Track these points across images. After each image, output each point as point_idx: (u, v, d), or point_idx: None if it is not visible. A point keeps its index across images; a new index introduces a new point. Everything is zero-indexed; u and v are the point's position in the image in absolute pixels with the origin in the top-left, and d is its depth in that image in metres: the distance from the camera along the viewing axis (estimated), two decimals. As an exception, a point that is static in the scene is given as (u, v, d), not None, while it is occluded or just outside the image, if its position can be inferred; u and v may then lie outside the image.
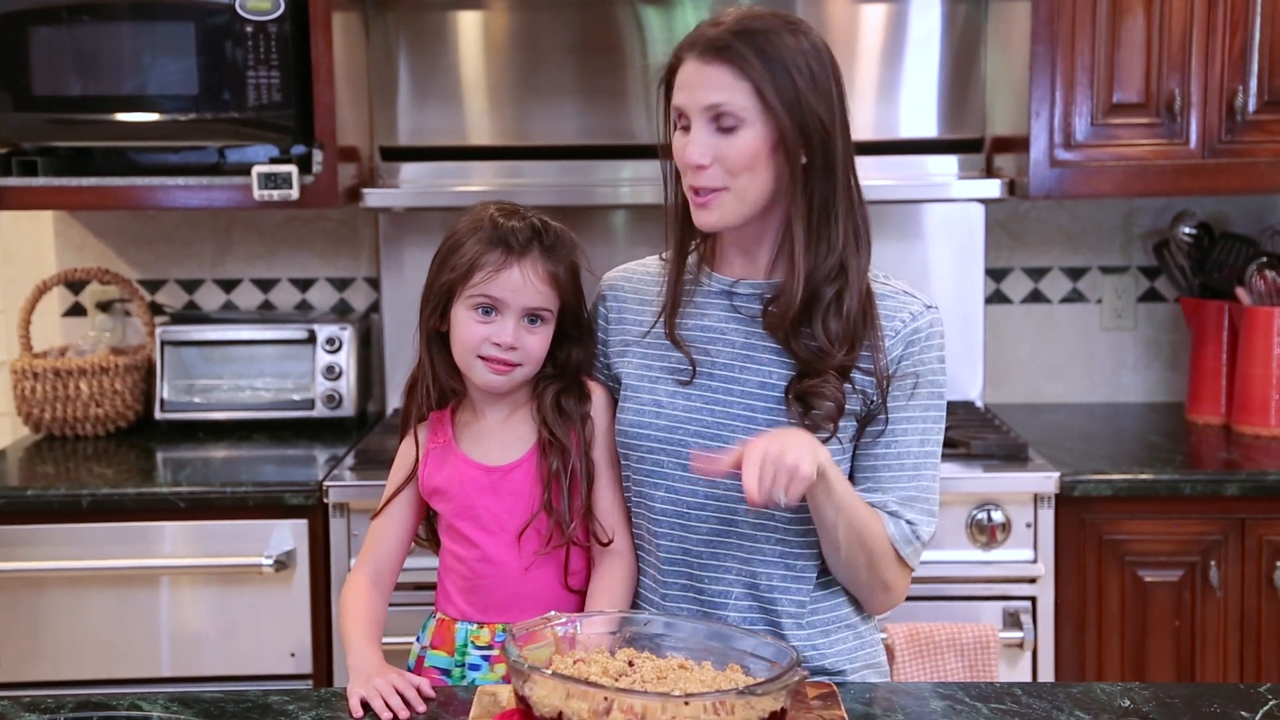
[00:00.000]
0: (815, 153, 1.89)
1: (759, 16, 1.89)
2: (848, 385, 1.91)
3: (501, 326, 1.97)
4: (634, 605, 2.04)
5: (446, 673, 2.02)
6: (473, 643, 2.01)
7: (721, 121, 1.86)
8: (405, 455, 2.10)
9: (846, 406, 1.91)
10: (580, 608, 2.03)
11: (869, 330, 1.92)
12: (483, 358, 1.98)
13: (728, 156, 1.86)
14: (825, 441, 1.89)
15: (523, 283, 1.96)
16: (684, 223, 1.98)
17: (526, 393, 2.05)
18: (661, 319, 2.00)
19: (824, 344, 1.89)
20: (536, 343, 1.99)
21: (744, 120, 1.86)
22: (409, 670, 2.03)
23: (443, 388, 2.07)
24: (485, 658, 2.00)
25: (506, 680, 1.97)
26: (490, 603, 2.02)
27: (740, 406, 1.94)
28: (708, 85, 1.86)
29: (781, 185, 1.91)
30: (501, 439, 2.04)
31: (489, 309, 1.97)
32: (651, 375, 2.00)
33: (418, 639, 2.09)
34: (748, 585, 1.96)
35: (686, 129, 1.90)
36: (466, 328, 1.98)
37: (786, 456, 1.75)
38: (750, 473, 1.74)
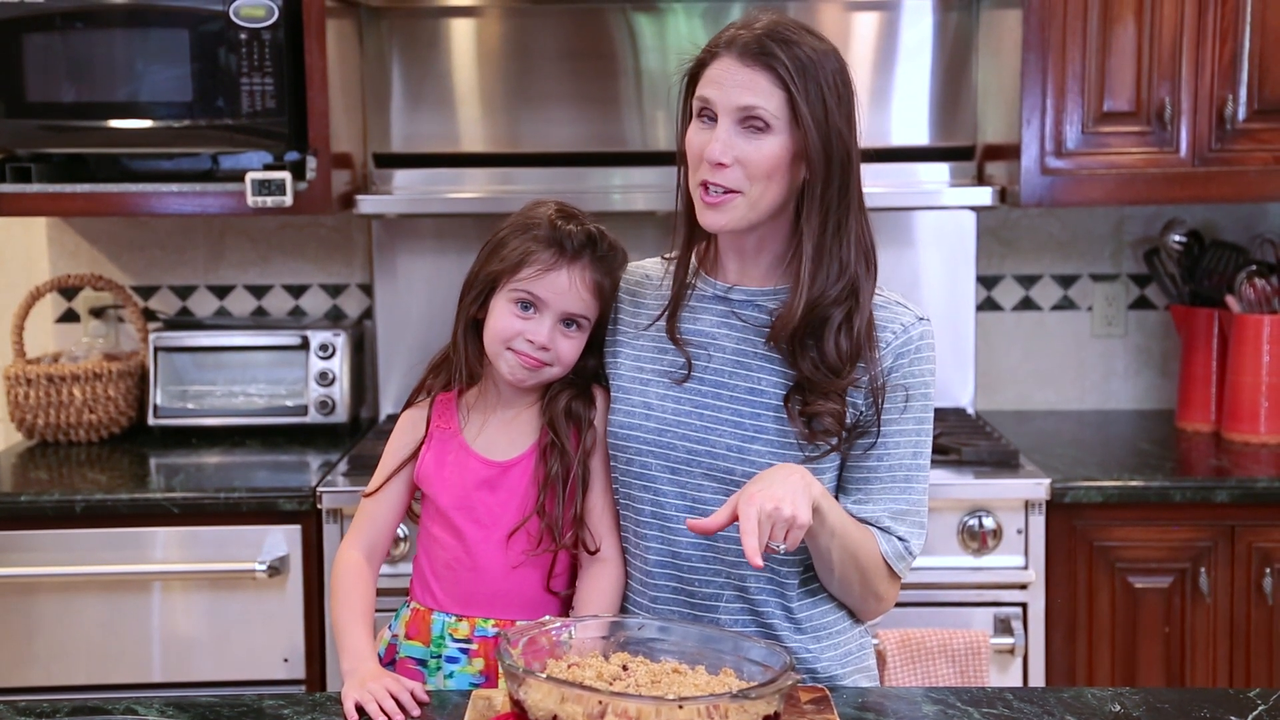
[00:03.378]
0: (834, 172, 1.88)
1: (790, 28, 1.88)
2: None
3: (538, 325, 1.97)
4: (623, 609, 2.04)
5: (423, 663, 2.02)
6: (450, 635, 2.01)
7: (751, 125, 1.86)
8: (408, 433, 2.08)
9: None
10: (560, 610, 2.03)
11: (870, 348, 1.92)
12: (512, 350, 1.98)
13: (751, 160, 1.86)
14: (828, 454, 1.91)
15: (568, 287, 1.97)
16: (691, 222, 1.98)
17: (537, 392, 2.05)
18: (662, 318, 2.00)
19: (834, 363, 1.89)
20: (570, 348, 2.00)
21: (773, 127, 1.86)
22: (379, 657, 2.03)
23: (472, 372, 2.06)
24: (464, 650, 2.00)
25: (486, 675, 1.98)
26: (470, 597, 2.01)
27: (729, 412, 1.95)
28: (743, 86, 1.86)
29: (791, 198, 1.91)
30: (506, 434, 2.04)
31: (529, 305, 1.98)
32: (643, 377, 2.01)
33: (389, 626, 2.09)
34: (737, 589, 1.97)
35: (708, 121, 1.89)
36: (503, 320, 1.98)
37: (783, 508, 1.75)
38: (749, 534, 1.73)
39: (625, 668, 1.71)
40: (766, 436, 1.92)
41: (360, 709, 1.82)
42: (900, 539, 1.96)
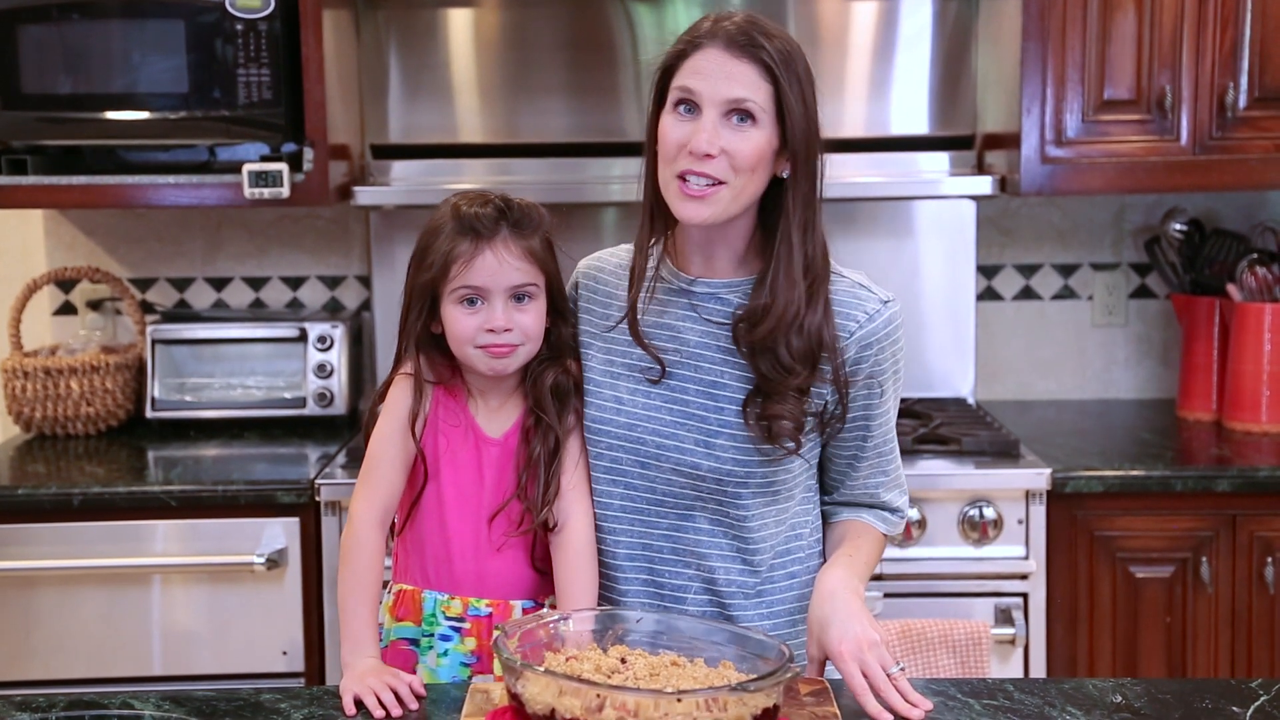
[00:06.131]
0: (811, 167, 1.89)
1: (770, 24, 1.89)
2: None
3: (490, 313, 1.96)
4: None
5: (415, 643, 2.00)
6: (443, 613, 1.99)
7: (738, 117, 1.85)
8: (408, 394, 2.03)
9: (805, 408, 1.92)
10: (549, 587, 2.02)
11: (829, 344, 1.91)
12: (479, 346, 1.97)
13: (739, 152, 1.85)
14: (792, 453, 1.93)
15: (498, 264, 1.95)
16: (655, 214, 1.97)
17: (518, 375, 2.03)
18: (626, 319, 1.99)
19: (788, 363, 1.89)
20: (530, 320, 1.98)
21: (759, 120, 1.85)
22: None
23: (443, 380, 2.04)
24: (456, 629, 1.99)
25: (478, 655, 1.97)
26: (458, 579, 1.99)
27: (696, 407, 1.95)
28: (733, 78, 1.85)
29: (762, 192, 1.90)
30: (495, 417, 2.03)
31: (473, 299, 1.96)
32: (613, 372, 2.01)
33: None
34: (705, 581, 1.99)
35: (687, 112, 1.88)
36: (458, 322, 1.97)
37: (874, 653, 1.81)
38: (866, 694, 1.78)
39: (624, 660, 1.71)
40: (730, 432, 1.93)
41: (359, 702, 1.81)
42: (893, 510, 2.05)
